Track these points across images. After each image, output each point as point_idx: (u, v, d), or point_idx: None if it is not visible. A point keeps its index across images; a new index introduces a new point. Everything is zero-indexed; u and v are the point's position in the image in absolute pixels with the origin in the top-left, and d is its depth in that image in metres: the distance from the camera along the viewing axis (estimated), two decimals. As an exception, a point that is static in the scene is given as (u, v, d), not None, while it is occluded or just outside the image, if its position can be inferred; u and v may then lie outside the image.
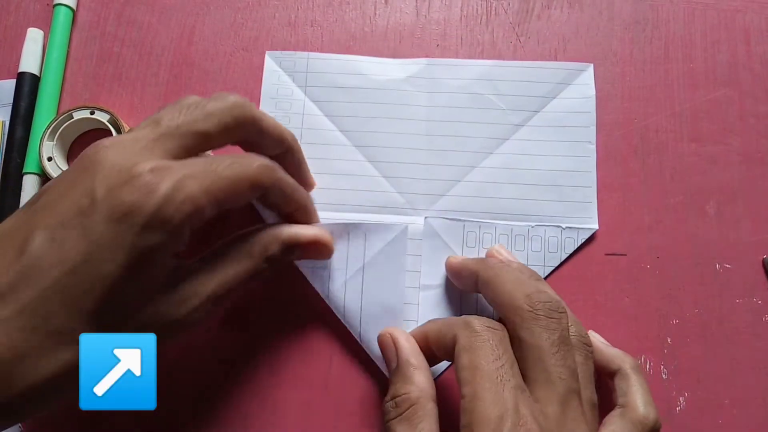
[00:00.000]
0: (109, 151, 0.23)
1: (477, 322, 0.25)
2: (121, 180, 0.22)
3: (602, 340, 0.31)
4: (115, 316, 0.22)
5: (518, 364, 0.24)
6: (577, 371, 0.24)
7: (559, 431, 0.23)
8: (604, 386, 0.29)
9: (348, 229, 0.32)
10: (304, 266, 0.32)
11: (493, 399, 0.23)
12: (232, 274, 0.26)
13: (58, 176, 0.24)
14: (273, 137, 0.28)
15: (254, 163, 0.25)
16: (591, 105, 0.35)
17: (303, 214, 0.29)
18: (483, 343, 0.24)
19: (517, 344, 0.25)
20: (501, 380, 0.23)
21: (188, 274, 0.25)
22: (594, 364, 0.28)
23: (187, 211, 0.22)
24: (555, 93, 0.35)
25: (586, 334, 0.27)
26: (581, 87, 0.36)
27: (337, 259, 0.32)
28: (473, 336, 0.25)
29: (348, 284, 0.32)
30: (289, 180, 0.28)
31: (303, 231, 0.28)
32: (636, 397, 0.27)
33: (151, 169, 0.22)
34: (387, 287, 0.32)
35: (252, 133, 0.27)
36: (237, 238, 0.27)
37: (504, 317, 0.26)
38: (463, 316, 0.26)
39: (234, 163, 0.25)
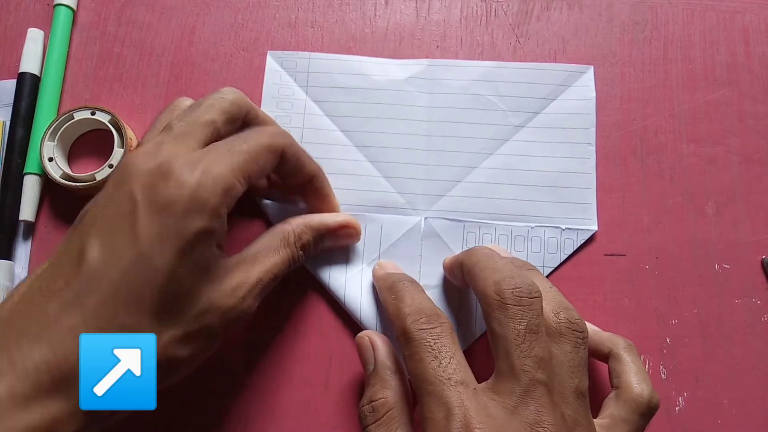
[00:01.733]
0: (139, 159, 0.25)
1: (412, 326, 0.25)
2: (155, 179, 0.24)
3: (593, 327, 0.30)
4: (173, 308, 0.24)
5: (493, 355, 0.24)
6: (547, 361, 0.24)
7: (515, 423, 0.22)
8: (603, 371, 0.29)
9: (365, 221, 0.33)
10: (309, 262, 0.33)
11: (436, 401, 0.23)
12: (273, 262, 0.28)
13: (97, 195, 0.26)
14: (273, 135, 0.28)
15: (267, 131, 0.28)
16: (591, 107, 0.35)
17: (319, 183, 0.31)
18: (418, 347, 0.24)
19: (489, 335, 0.25)
20: (441, 379, 0.23)
21: (233, 264, 0.26)
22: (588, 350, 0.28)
23: (219, 192, 0.24)
24: (555, 95, 0.36)
25: (579, 319, 0.26)
26: (581, 89, 0.36)
27: (353, 250, 0.33)
28: (408, 343, 0.25)
29: (365, 272, 0.33)
30: (301, 147, 0.29)
31: (331, 217, 0.31)
32: (629, 376, 0.27)
33: (181, 164, 0.24)
34: None
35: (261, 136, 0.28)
36: (270, 232, 0.29)
37: (481, 307, 0.26)
38: (401, 323, 0.26)
39: (248, 137, 0.27)
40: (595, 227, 0.34)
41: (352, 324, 0.33)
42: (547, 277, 0.33)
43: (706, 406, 0.32)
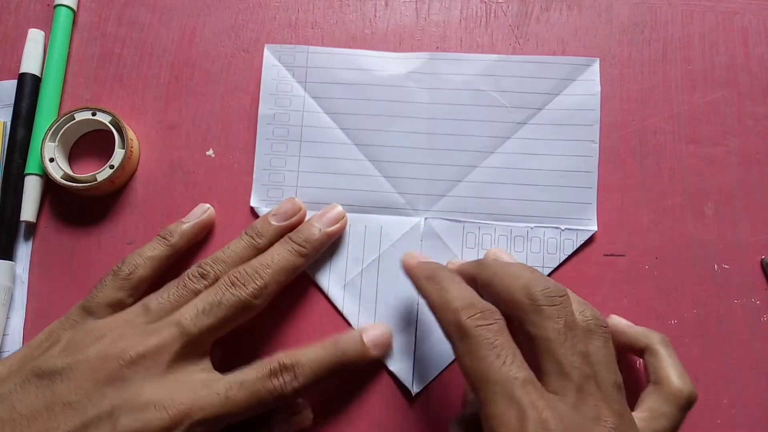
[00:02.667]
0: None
1: (468, 322, 0.24)
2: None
3: (625, 321, 0.31)
4: None
5: (531, 357, 0.24)
6: (589, 355, 0.24)
7: (580, 419, 0.22)
8: (635, 365, 0.30)
9: (365, 222, 0.33)
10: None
11: (506, 401, 0.22)
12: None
13: None
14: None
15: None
16: (596, 102, 0.35)
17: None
18: (478, 345, 0.24)
19: (525, 338, 0.25)
20: (508, 379, 0.22)
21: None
22: (619, 345, 0.28)
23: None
24: (559, 89, 0.35)
25: (600, 316, 0.26)
26: (586, 83, 0.35)
27: (353, 251, 0.33)
28: (464, 339, 0.24)
29: (364, 274, 0.33)
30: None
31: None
32: (668, 371, 0.28)
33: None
34: (401, 277, 0.32)
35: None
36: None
37: (509, 315, 0.26)
38: (455, 317, 0.25)
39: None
40: (594, 227, 0.34)
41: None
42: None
43: (705, 406, 0.32)
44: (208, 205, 0.34)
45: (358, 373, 0.32)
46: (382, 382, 0.32)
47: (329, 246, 0.33)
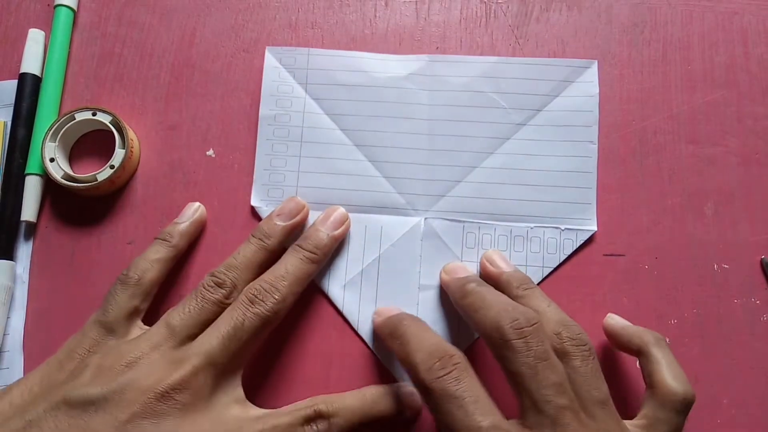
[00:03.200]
0: None
1: (427, 376, 0.24)
2: None
3: (622, 322, 0.31)
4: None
5: (513, 392, 0.24)
6: (563, 384, 0.24)
7: None
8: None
9: (365, 222, 0.33)
10: None
11: None
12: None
13: None
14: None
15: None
16: (594, 103, 0.35)
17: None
18: (440, 400, 0.24)
19: (504, 374, 0.25)
20: (472, 428, 0.23)
21: None
22: (616, 346, 0.29)
23: None
24: (558, 91, 0.35)
25: (580, 333, 0.26)
26: (585, 85, 0.35)
27: (353, 251, 0.33)
28: (428, 395, 0.24)
29: (364, 274, 0.33)
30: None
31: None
32: (662, 374, 0.27)
33: None
34: (401, 277, 0.32)
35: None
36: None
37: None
38: (415, 374, 0.25)
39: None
40: (594, 227, 0.34)
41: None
42: (547, 277, 0.33)
43: (705, 406, 0.32)
44: (198, 203, 0.34)
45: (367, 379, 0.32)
46: (380, 384, 0.32)
47: None
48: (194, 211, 0.33)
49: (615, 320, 0.31)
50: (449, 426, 0.23)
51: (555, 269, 0.33)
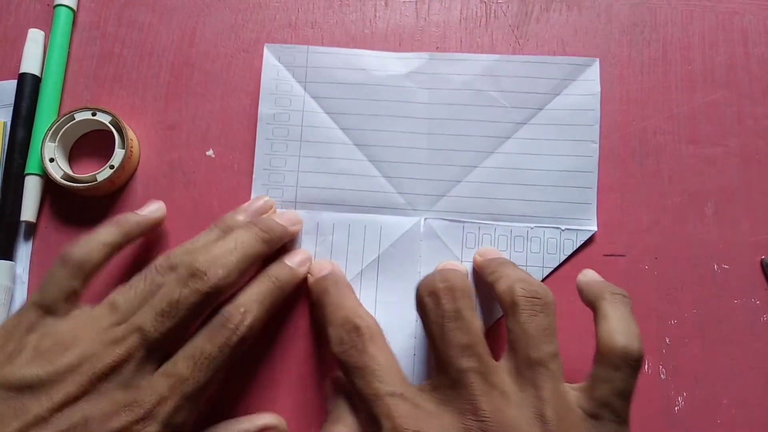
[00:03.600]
0: None
1: (337, 349, 0.26)
2: None
3: (593, 277, 0.29)
4: None
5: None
6: (474, 345, 0.24)
7: (444, 416, 0.23)
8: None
9: (365, 222, 0.33)
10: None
11: (369, 418, 0.24)
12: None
13: None
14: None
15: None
16: (596, 102, 0.35)
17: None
18: (347, 371, 0.25)
19: None
20: (369, 397, 0.24)
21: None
22: (583, 300, 0.28)
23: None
24: (559, 89, 0.35)
25: (537, 289, 0.25)
26: (586, 83, 0.35)
27: (352, 251, 0.33)
28: (341, 366, 0.26)
29: (363, 274, 0.33)
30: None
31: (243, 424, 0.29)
32: (602, 329, 0.25)
33: None
34: (401, 277, 0.32)
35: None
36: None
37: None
38: (330, 350, 0.26)
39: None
40: (594, 228, 0.34)
41: (352, 324, 0.33)
42: (547, 277, 0.33)
43: (705, 406, 0.32)
44: (161, 203, 0.33)
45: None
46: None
47: (328, 246, 0.33)
48: (157, 208, 0.32)
49: (586, 276, 0.29)
50: (356, 396, 0.24)
51: (555, 269, 0.33)
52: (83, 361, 0.25)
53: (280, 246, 0.31)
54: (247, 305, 0.27)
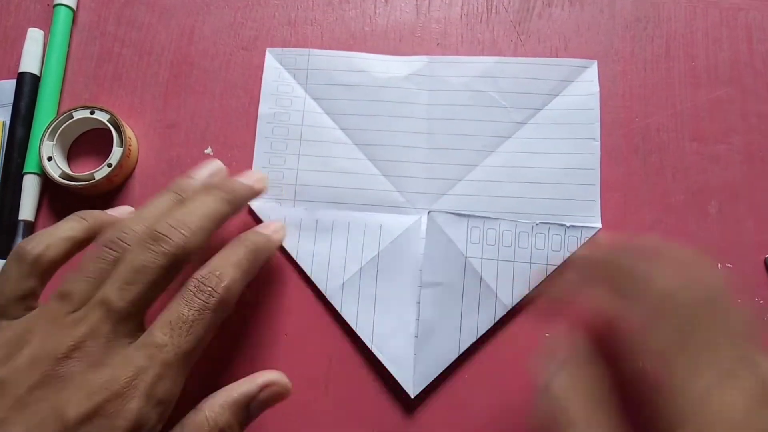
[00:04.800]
0: None
1: None
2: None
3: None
4: None
5: None
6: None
7: None
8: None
9: (365, 220, 0.33)
10: (304, 260, 0.33)
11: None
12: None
13: None
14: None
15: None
16: (595, 102, 0.35)
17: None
18: None
19: None
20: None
21: None
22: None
23: None
24: (558, 90, 0.35)
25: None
26: (585, 84, 0.35)
27: (352, 249, 0.33)
28: None
29: (363, 272, 0.32)
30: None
31: (248, 382, 0.27)
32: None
33: None
34: (401, 275, 0.32)
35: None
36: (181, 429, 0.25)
37: None
38: None
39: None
40: (598, 225, 0.33)
41: (351, 323, 0.32)
42: (551, 274, 0.33)
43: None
44: (130, 208, 0.31)
45: (355, 379, 0.32)
46: (380, 385, 0.32)
47: (327, 244, 0.33)
48: (126, 211, 0.31)
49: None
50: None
51: (558, 267, 0.33)
52: (43, 350, 0.23)
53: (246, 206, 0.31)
54: (222, 268, 0.25)
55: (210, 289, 0.25)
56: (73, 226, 0.27)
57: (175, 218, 0.25)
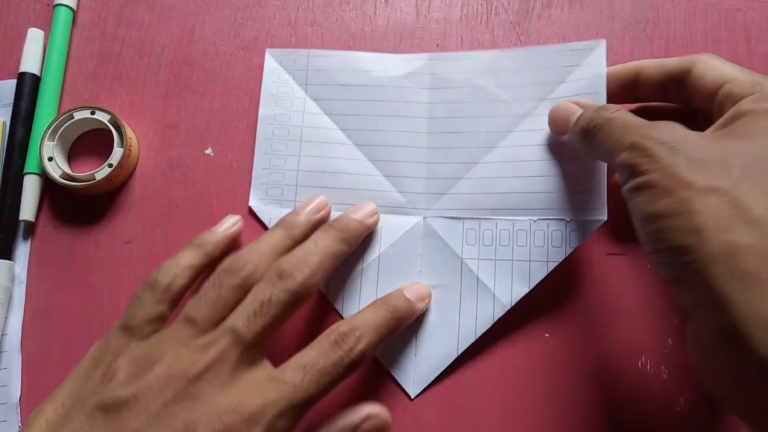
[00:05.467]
0: None
1: None
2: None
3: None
4: None
5: None
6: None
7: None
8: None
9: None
10: None
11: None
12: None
13: None
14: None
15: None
16: (601, 84, 0.32)
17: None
18: None
19: None
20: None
21: None
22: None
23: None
24: (562, 77, 0.33)
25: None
26: (591, 66, 0.33)
27: (353, 251, 0.32)
28: None
29: (364, 273, 0.32)
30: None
31: (351, 416, 0.28)
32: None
33: None
34: (401, 277, 0.32)
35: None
36: None
37: None
38: None
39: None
40: (604, 217, 0.31)
41: (352, 323, 0.32)
42: (549, 273, 0.32)
43: (706, 407, 0.31)
44: (238, 217, 0.33)
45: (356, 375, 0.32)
46: (380, 385, 0.32)
47: None
48: (233, 223, 0.33)
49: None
50: None
51: (560, 264, 0.32)
52: (175, 370, 0.25)
53: (361, 241, 0.32)
54: (363, 330, 0.27)
55: (348, 348, 0.26)
56: (193, 254, 0.30)
57: (297, 257, 0.28)
